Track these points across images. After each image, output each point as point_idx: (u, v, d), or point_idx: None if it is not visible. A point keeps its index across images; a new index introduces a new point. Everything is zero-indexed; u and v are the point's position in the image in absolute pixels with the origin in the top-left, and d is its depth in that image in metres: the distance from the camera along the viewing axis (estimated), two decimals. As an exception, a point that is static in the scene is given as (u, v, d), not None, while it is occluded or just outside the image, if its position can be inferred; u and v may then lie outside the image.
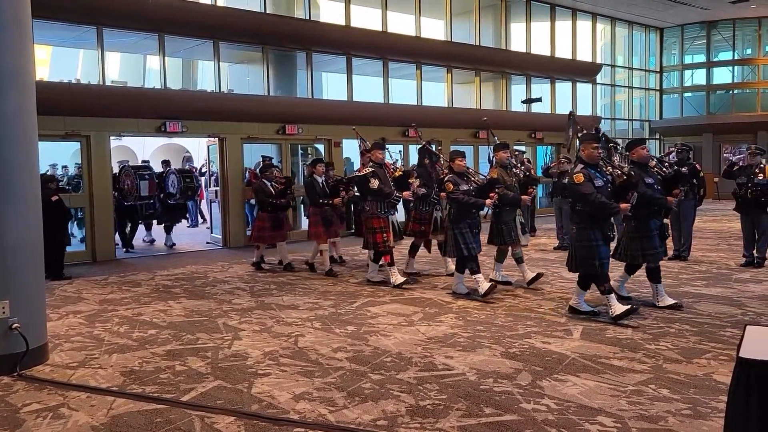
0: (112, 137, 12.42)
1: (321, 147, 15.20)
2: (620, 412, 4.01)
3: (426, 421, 3.94)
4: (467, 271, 7.50)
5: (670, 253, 10.01)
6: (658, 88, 26.42)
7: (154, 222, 13.66)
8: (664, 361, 4.97)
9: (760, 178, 8.98)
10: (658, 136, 26.08)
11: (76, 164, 13.93)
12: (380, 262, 8.57)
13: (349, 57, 15.46)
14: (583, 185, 6.13)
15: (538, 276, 8.03)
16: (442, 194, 8.22)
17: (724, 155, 24.40)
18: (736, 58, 25.69)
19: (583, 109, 21.72)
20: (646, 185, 6.62)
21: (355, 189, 9.63)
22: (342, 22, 15.38)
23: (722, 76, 26.23)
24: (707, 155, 24.12)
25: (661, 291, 6.80)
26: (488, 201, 7.33)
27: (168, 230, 13.22)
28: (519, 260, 8.07)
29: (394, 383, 4.61)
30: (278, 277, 9.28)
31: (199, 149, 20.30)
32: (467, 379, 4.66)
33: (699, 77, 26.32)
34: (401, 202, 8.84)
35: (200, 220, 17.50)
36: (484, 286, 7.27)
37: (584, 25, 22.00)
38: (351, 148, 15.51)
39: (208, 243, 13.48)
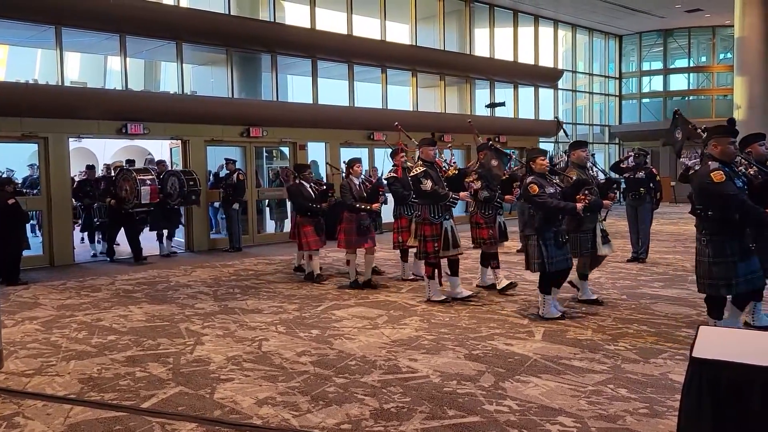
0: (71, 139, 12.15)
1: (286, 150, 15.13)
2: (580, 412, 4.08)
3: (390, 424, 3.96)
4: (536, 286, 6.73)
5: (629, 255, 10.28)
6: (617, 93, 26.99)
7: (145, 229, 12.56)
8: (623, 362, 5.08)
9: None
10: (617, 141, 26.64)
11: (30, 165, 13.61)
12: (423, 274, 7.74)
13: (315, 60, 15.42)
14: (725, 185, 5.08)
15: (597, 302, 7.16)
16: (508, 197, 7.95)
17: (681, 160, 25.02)
18: (691, 65, 26.43)
19: (546, 114, 22.08)
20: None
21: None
22: (307, 24, 15.35)
23: (678, 82, 26.94)
24: (664, 160, 24.72)
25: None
26: (579, 205, 6.34)
27: (169, 236, 12.36)
28: (584, 277, 7.25)
29: (359, 387, 4.62)
30: (242, 281, 9.20)
31: (162, 152, 20.00)
32: (431, 382, 4.69)
33: (656, 84, 26.99)
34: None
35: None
36: (551, 311, 6.51)
37: (546, 31, 22.37)
38: (316, 151, 15.50)
39: (172, 247, 13.25)
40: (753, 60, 16.07)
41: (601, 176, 7.58)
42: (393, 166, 8.75)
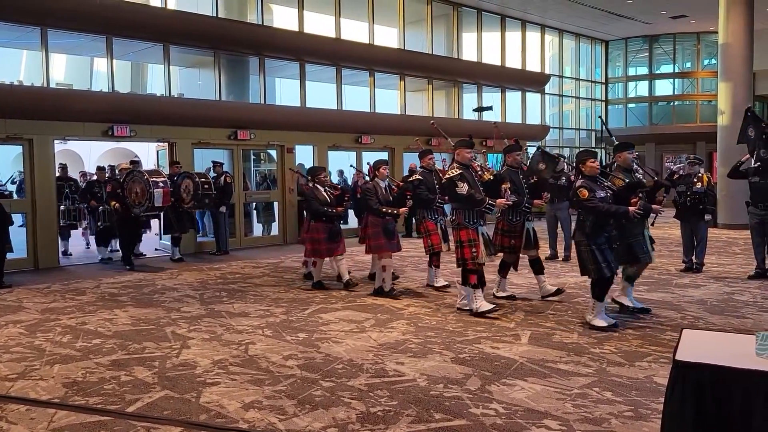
0: (56, 141, 12.05)
1: (274, 152, 15.10)
2: (565, 415, 4.11)
3: (376, 427, 3.96)
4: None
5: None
6: (603, 98, 27.20)
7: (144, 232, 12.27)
8: (608, 365, 5.12)
9: (698, 186, 9.34)
10: (603, 146, 26.86)
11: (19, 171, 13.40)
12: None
13: (303, 63, 15.41)
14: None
15: (645, 310, 6.93)
16: (536, 201, 7.62)
17: (666, 164, 25.28)
18: (676, 71, 26.70)
19: (533, 119, 22.20)
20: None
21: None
22: (295, 27, 15.33)
23: (664, 88, 27.20)
24: (650, 164, 24.94)
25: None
26: (632, 209, 6.07)
27: (176, 242, 11.88)
28: (631, 279, 6.99)
29: (345, 390, 4.62)
30: (229, 285, 9.16)
31: (149, 154, 19.90)
32: (418, 385, 4.70)
33: (642, 89, 27.23)
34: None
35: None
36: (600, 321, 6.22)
37: (533, 36, 22.51)
38: (304, 154, 15.49)
39: (157, 249, 13.19)
40: (736, 66, 16.27)
41: (633, 177, 6.97)
42: (420, 167, 8.38)
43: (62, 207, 11.88)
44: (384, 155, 16.72)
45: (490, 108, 19.93)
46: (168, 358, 5.51)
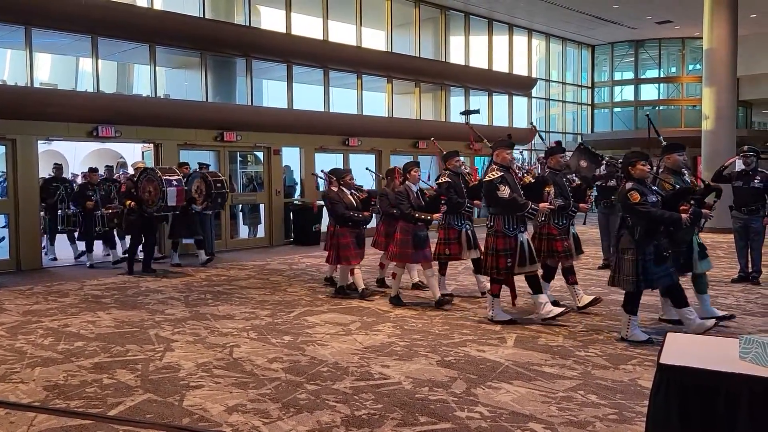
0: (40, 141, 11.92)
1: (260, 154, 15.04)
2: (550, 418, 4.11)
3: (361, 431, 3.94)
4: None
5: (600, 262, 10.40)
6: (589, 102, 27.39)
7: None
8: (593, 368, 5.13)
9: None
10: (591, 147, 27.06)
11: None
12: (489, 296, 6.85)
13: (290, 65, 15.37)
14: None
15: (727, 315, 6.55)
16: (582, 205, 7.23)
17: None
18: (661, 76, 26.94)
19: (520, 122, 22.29)
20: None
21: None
22: (283, 29, 15.29)
23: (649, 92, 27.46)
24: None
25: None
26: (685, 216, 5.71)
27: (175, 247, 11.32)
28: (702, 289, 6.57)
29: (330, 393, 4.59)
30: (214, 287, 9.09)
31: (134, 155, 19.74)
32: (403, 388, 4.68)
33: (628, 93, 27.47)
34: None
35: None
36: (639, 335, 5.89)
37: (520, 40, 22.62)
38: (291, 156, 15.44)
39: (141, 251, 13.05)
40: (721, 71, 16.42)
41: (682, 180, 6.62)
42: (444, 170, 8.03)
43: (59, 211, 11.39)
44: (371, 158, 16.73)
45: (477, 111, 19.91)
46: (151, 361, 5.45)
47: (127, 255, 10.74)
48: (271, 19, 16.19)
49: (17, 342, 6.16)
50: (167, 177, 10.00)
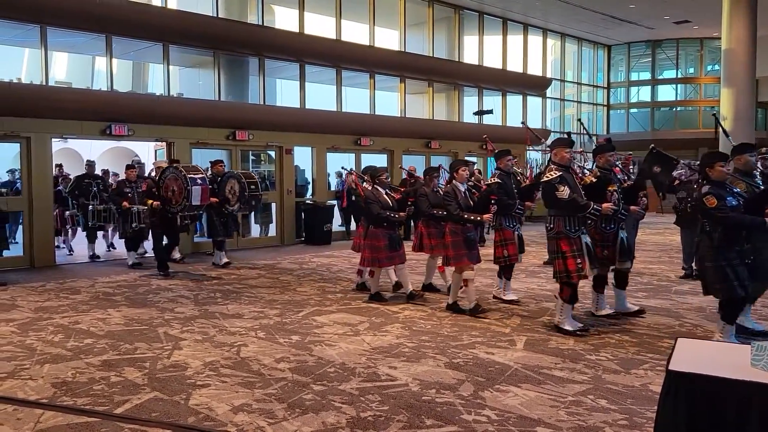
0: (55, 139, 12.01)
1: (272, 153, 15.06)
2: (559, 422, 4.05)
3: (366, 433, 3.90)
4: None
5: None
6: (605, 103, 27.17)
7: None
8: (604, 372, 5.05)
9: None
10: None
11: (9, 171, 13.26)
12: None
13: (303, 64, 15.38)
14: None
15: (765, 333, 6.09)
16: (633, 207, 6.80)
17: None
18: (679, 76, 26.66)
19: (534, 122, 22.14)
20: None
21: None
22: (296, 28, 15.30)
23: (666, 93, 27.17)
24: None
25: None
26: None
27: (220, 246, 11.04)
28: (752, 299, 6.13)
29: (336, 394, 4.56)
30: (224, 285, 9.10)
31: (148, 154, 19.85)
32: (410, 390, 4.64)
33: (644, 94, 27.20)
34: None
35: None
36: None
37: (535, 40, 22.47)
38: (303, 156, 15.45)
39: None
40: (739, 72, 16.23)
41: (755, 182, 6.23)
42: (496, 170, 7.76)
43: (90, 207, 11.26)
44: (383, 158, 16.70)
45: (490, 111, 19.90)
46: (159, 359, 5.45)
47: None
48: (284, 19, 16.22)
49: (28, 338, 6.19)
50: (192, 175, 9.68)
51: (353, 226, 15.40)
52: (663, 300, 7.92)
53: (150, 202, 10.00)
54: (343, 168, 14.21)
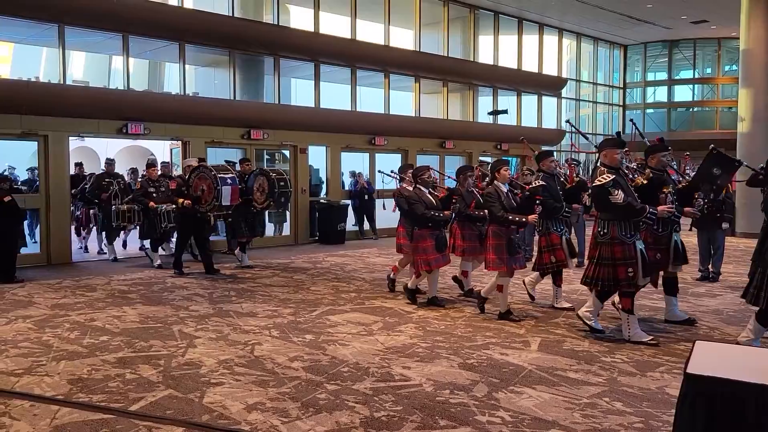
0: (72, 138, 12.12)
1: (287, 153, 15.11)
2: (573, 425, 4.01)
3: (379, 433, 3.90)
4: None
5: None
6: (621, 103, 26.96)
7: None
8: (619, 374, 5.01)
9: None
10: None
11: (29, 169, 13.36)
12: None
13: (318, 63, 15.40)
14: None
15: None
16: (687, 209, 6.52)
17: (686, 171, 24.99)
18: (696, 76, 26.39)
19: (549, 123, 22.04)
20: None
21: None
22: (311, 28, 15.33)
23: (683, 94, 26.91)
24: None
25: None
26: None
27: (243, 247, 10.92)
28: None
29: (350, 394, 4.55)
30: (238, 284, 9.14)
31: (163, 152, 19.98)
32: (423, 390, 4.63)
33: (661, 94, 26.96)
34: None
35: None
36: None
37: (551, 39, 22.35)
38: (317, 155, 15.47)
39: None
40: (758, 72, 16.00)
41: None
42: (538, 171, 7.58)
43: (113, 207, 11.05)
44: (397, 158, 16.69)
45: (505, 111, 19.82)
46: (174, 357, 5.48)
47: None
48: (299, 18, 16.25)
49: (44, 335, 6.25)
50: (222, 175, 9.58)
51: (366, 225, 15.46)
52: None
53: (180, 200, 9.87)
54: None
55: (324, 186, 15.68)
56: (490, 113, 19.95)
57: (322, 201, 14.97)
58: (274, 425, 4.01)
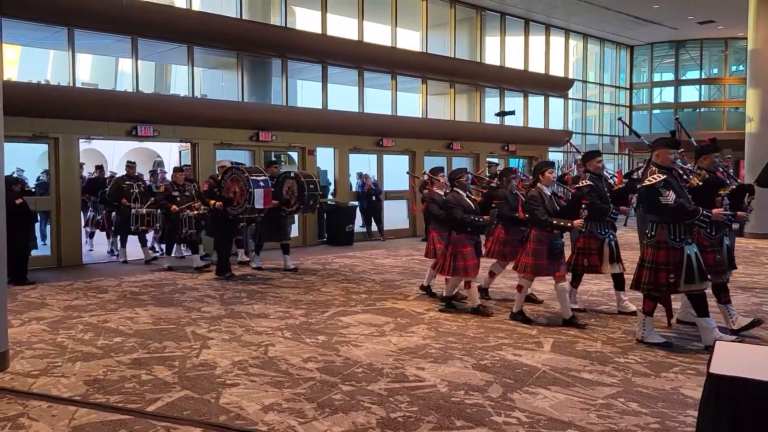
0: (81, 140, 12.18)
1: (295, 154, 15.14)
2: (590, 425, 4.02)
3: (397, 433, 3.91)
4: None
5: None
6: (628, 104, 26.89)
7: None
8: (633, 375, 5.01)
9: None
10: (627, 152, 26.54)
11: (43, 172, 13.40)
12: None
13: (325, 65, 15.44)
14: None
15: None
16: (740, 213, 6.39)
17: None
18: (703, 77, 26.31)
19: (555, 123, 22.02)
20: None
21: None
22: (318, 30, 15.37)
23: (690, 94, 26.83)
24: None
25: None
26: None
27: (258, 250, 10.86)
28: None
29: (365, 395, 4.57)
30: (249, 285, 9.16)
31: (171, 154, 20.06)
32: (438, 391, 4.64)
33: (667, 95, 26.88)
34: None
35: None
36: None
37: (557, 40, 22.33)
38: (325, 157, 15.50)
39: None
40: (766, 72, 15.97)
41: None
42: (585, 172, 7.35)
43: (133, 210, 11.07)
44: (405, 159, 16.70)
45: (512, 113, 19.82)
46: (188, 358, 5.50)
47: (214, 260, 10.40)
48: (306, 20, 16.29)
49: (58, 336, 6.28)
50: (254, 177, 9.43)
51: (374, 227, 15.48)
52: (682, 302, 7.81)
53: (212, 202, 9.74)
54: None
55: (332, 187, 15.71)
56: (497, 114, 19.95)
57: (330, 202, 15.00)
58: (291, 426, 4.03)
